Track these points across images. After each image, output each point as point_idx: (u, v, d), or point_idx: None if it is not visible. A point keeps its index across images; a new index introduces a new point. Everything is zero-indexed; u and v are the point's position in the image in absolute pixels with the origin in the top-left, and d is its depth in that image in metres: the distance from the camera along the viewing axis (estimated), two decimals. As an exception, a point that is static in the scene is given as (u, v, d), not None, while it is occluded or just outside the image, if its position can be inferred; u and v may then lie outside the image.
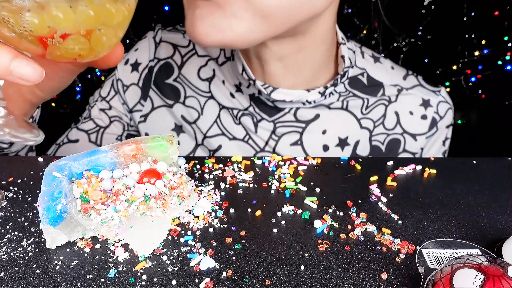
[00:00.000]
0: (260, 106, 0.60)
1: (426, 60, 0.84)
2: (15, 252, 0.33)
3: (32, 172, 0.44)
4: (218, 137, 0.62)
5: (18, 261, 0.32)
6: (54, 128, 0.67)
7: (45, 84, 0.44)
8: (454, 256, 0.30)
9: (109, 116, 0.66)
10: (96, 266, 0.32)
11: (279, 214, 0.39)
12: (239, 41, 0.45)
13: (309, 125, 0.60)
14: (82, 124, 0.66)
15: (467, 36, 0.82)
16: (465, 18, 0.80)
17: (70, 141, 0.65)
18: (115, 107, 0.67)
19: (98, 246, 0.34)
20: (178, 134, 0.65)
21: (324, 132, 0.60)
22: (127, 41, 0.92)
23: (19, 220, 0.37)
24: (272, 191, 0.42)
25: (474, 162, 0.48)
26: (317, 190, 0.42)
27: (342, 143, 0.60)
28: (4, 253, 0.33)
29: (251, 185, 0.43)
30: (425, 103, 0.62)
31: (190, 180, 0.43)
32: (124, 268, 0.32)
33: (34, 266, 0.32)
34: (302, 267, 0.32)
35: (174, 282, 0.31)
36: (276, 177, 0.44)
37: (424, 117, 0.61)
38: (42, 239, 0.34)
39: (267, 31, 0.45)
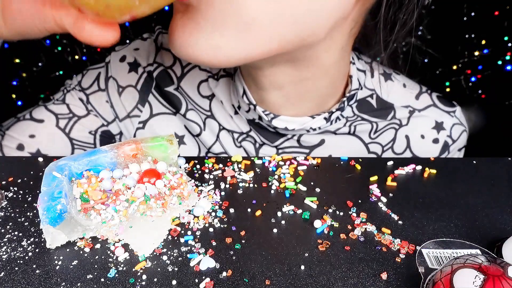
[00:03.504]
0: (261, 131, 0.57)
1: (426, 60, 0.84)
2: (15, 252, 0.33)
3: (32, 172, 0.44)
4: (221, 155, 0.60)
5: (18, 261, 0.32)
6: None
7: (17, 22, 0.37)
8: (454, 256, 0.30)
9: (87, 109, 0.61)
10: (96, 266, 0.32)
11: (279, 214, 0.39)
12: (218, 58, 0.41)
13: (314, 150, 0.58)
14: (52, 105, 0.60)
15: (467, 36, 0.82)
16: (465, 18, 0.80)
17: (34, 119, 0.59)
18: (93, 103, 0.61)
19: (98, 246, 0.34)
20: (179, 145, 0.61)
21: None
22: (127, 41, 0.92)
23: (19, 220, 0.37)
24: (272, 191, 0.42)
25: (474, 162, 0.48)
26: (317, 190, 0.42)
27: None
28: (4, 253, 0.33)
29: (251, 185, 0.43)
30: (438, 126, 0.59)
31: (190, 180, 0.43)
32: (124, 268, 0.32)
33: (34, 266, 0.32)
34: (302, 267, 0.32)
35: (174, 282, 0.31)
36: (276, 177, 0.44)
37: (436, 141, 0.59)
38: (42, 239, 0.34)
39: (251, 48, 0.41)
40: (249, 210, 0.39)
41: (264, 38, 0.40)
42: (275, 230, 0.37)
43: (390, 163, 0.48)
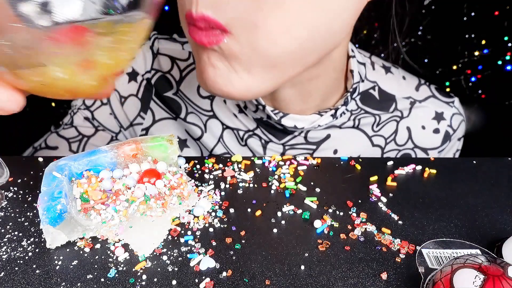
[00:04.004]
0: (268, 129, 0.58)
1: (426, 60, 0.84)
2: (15, 252, 0.33)
3: (32, 172, 0.44)
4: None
5: (18, 261, 0.32)
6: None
7: None
8: (454, 256, 0.30)
9: (94, 126, 0.62)
10: (96, 266, 0.32)
11: (279, 214, 0.39)
12: (248, 94, 0.42)
13: (320, 145, 0.58)
14: (63, 131, 0.62)
15: (467, 36, 0.82)
16: (465, 18, 0.80)
17: (49, 147, 0.62)
18: (98, 118, 0.62)
19: (98, 246, 0.34)
20: (182, 149, 0.61)
21: (335, 152, 0.59)
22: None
23: (19, 220, 0.37)
24: (272, 191, 0.42)
25: (474, 162, 0.48)
26: (317, 190, 0.42)
27: None
28: (4, 253, 0.33)
29: (251, 185, 0.43)
30: (438, 116, 0.60)
31: (190, 180, 0.43)
32: (124, 268, 0.32)
33: (34, 266, 0.32)
34: (302, 267, 0.32)
35: (174, 282, 0.31)
36: (276, 177, 0.44)
37: (436, 131, 0.60)
38: (42, 239, 0.34)
39: (277, 81, 0.42)
40: (249, 210, 0.39)
41: (289, 69, 0.42)
42: (275, 230, 0.37)
43: (390, 163, 0.48)
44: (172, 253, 0.34)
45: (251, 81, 0.41)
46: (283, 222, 0.38)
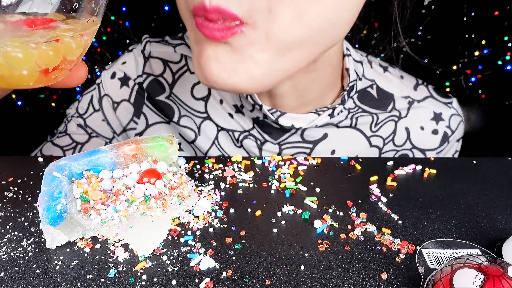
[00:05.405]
0: (265, 129, 0.57)
1: (426, 60, 0.84)
2: (15, 252, 0.33)
3: (32, 172, 0.44)
4: None
5: (18, 261, 0.32)
6: (55, 128, 0.67)
7: None
8: (454, 256, 0.30)
9: (88, 132, 0.62)
10: (96, 266, 0.32)
11: (279, 214, 0.39)
12: (255, 86, 0.41)
13: (317, 145, 0.58)
14: (57, 139, 0.62)
15: (467, 36, 0.82)
16: (465, 18, 0.80)
17: (44, 157, 0.62)
18: (91, 125, 0.62)
19: (98, 246, 0.34)
20: None
21: (332, 152, 0.58)
22: (127, 41, 0.92)
23: (19, 220, 0.37)
24: (272, 191, 0.42)
25: (474, 162, 0.48)
26: (317, 190, 0.42)
27: None
28: (4, 253, 0.33)
29: (251, 185, 0.43)
30: (437, 117, 0.59)
31: (190, 180, 0.43)
32: (124, 268, 0.32)
33: (34, 266, 0.32)
34: (302, 267, 0.32)
35: (174, 282, 0.31)
36: (276, 177, 0.44)
37: (435, 132, 0.59)
38: (42, 239, 0.34)
39: (282, 73, 0.41)
40: (249, 210, 0.39)
41: (296, 60, 0.41)
42: (275, 230, 0.37)
43: (390, 163, 0.48)
44: (172, 253, 0.34)
45: (260, 71, 0.39)
46: (283, 222, 0.38)
